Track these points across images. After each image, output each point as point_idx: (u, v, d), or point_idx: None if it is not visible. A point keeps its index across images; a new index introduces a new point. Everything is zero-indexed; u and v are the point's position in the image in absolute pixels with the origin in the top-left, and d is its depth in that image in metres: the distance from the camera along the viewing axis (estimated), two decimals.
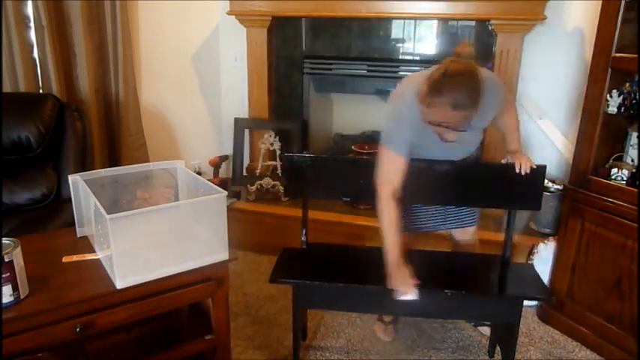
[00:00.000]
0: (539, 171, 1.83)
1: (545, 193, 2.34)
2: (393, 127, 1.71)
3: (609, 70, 1.95)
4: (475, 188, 1.90)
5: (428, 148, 1.76)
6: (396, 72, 2.92)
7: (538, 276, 1.88)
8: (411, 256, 2.08)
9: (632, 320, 1.97)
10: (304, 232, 2.03)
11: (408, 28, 2.87)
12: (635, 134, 2.04)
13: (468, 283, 1.85)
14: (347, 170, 1.98)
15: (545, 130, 2.79)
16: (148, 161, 2.96)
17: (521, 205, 1.96)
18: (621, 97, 1.98)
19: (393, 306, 1.91)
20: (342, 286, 1.82)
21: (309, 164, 1.94)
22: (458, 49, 1.60)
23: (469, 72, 1.50)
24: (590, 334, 2.15)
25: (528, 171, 1.77)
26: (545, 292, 1.89)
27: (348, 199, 2.74)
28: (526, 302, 2.33)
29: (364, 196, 2.13)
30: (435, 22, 2.80)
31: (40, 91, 2.61)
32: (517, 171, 1.78)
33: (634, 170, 2.01)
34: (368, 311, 2.24)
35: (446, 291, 1.75)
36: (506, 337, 1.90)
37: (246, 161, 3.33)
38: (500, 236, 2.11)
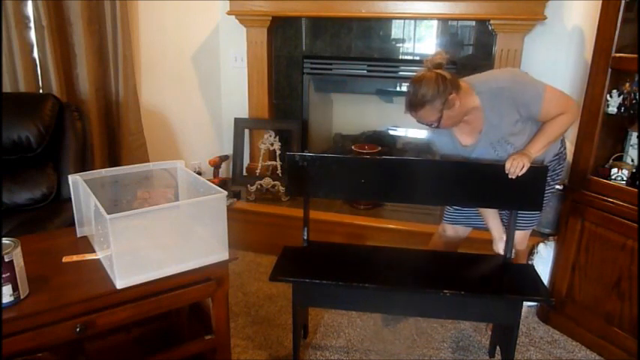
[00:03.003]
0: (541, 172, 1.82)
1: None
2: None
3: (609, 70, 1.95)
4: (476, 188, 1.90)
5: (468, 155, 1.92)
6: (395, 72, 2.92)
7: (538, 277, 1.88)
8: (412, 255, 2.10)
9: (632, 320, 1.97)
10: (306, 230, 2.03)
11: (408, 28, 2.87)
12: (635, 134, 2.04)
13: (467, 283, 1.85)
14: (349, 169, 1.98)
15: None
16: (148, 161, 2.96)
17: (523, 205, 1.94)
18: (621, 97, 1.98)
19: (392, 306, 1.92)
20: (341, 285, 1.83)
21: (311, 163, 1.94)
22: (426, 59, 1.76)
23: (414, 81, 1.72)
24: (590, 334, 2.15)
25: (513, 176, 1.78)
26: (544, 293, 1.88)
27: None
28: (526, 302, 2.33)
29: (366, 195, 2.14)
30: (435, 22, 2.81)
31: (40, 91, 2.61)
32: (506, 171, 1.79)
33: (634, 170, 2.01)
34: (367, 310, 2.25)
35: (445, 291, 1.75)
36: (505, 337, 1.90)
37: (246, 161, 3.33)
38: None
